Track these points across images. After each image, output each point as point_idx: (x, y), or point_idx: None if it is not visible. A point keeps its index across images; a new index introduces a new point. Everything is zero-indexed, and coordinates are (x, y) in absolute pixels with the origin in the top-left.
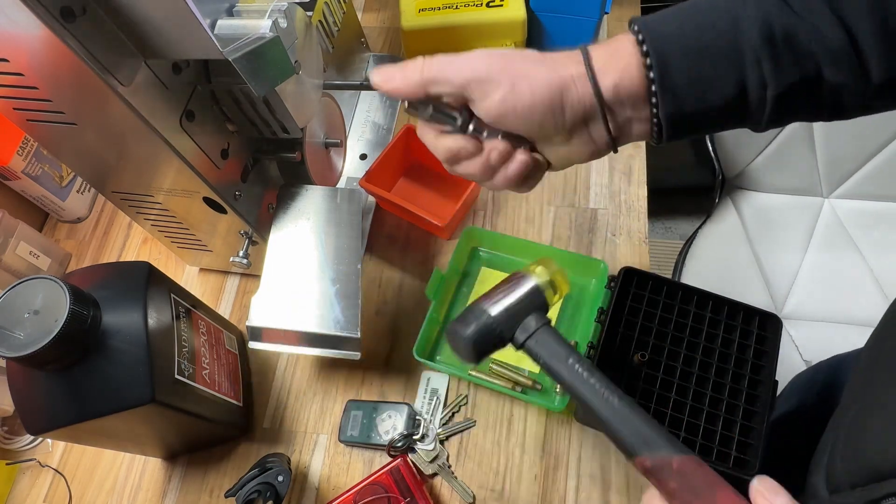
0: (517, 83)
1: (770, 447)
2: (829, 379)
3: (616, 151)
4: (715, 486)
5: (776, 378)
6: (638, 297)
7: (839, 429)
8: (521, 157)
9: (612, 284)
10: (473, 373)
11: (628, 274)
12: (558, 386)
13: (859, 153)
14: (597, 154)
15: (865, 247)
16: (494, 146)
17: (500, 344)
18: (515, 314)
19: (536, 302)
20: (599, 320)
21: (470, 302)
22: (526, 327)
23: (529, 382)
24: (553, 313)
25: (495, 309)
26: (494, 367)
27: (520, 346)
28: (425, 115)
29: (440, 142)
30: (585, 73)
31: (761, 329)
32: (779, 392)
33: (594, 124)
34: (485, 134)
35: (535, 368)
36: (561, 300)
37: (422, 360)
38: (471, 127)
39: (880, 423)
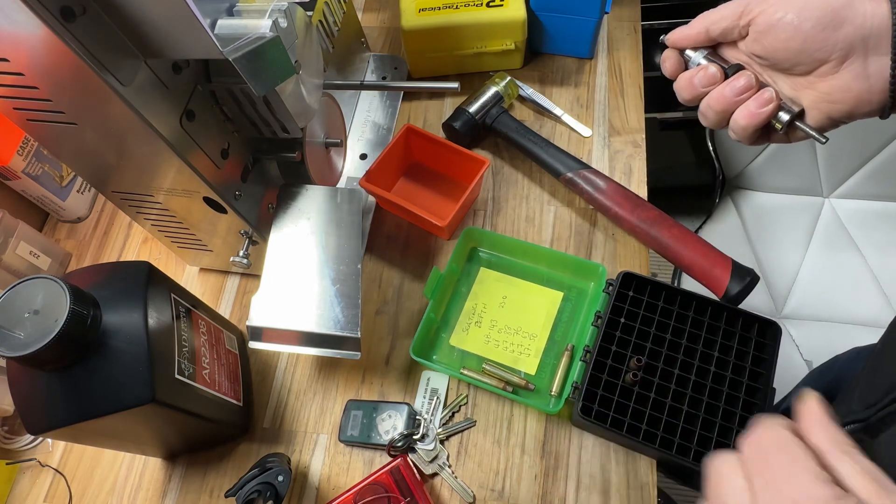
0: None
1: None
2: (845, 368)
3: (887, 115)
4: (607, 181)
5: (774, 386)
6: (636, 301)
7: (862, 371)
8: (767, 92)
9: (610, 288)
10: (465, 372)
11: (627, 278)
12: (553, 387)
13: (860, 153)
14: (864, 103)
15: (866, 247)
16: (742, 74)
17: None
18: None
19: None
20: (596, 324)
21: (466, 307)
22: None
23: (522, 383)
24: (550, 316)
25: (472, 107)
26: (487, 367)
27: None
28: (693, 61)
29: (693, 77)
30: None
31: (760, 336)
32: (779, 395)
33: (876, 54)
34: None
35: (531, 370)
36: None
37: (418, 359)
38: (726, 66)
39: None
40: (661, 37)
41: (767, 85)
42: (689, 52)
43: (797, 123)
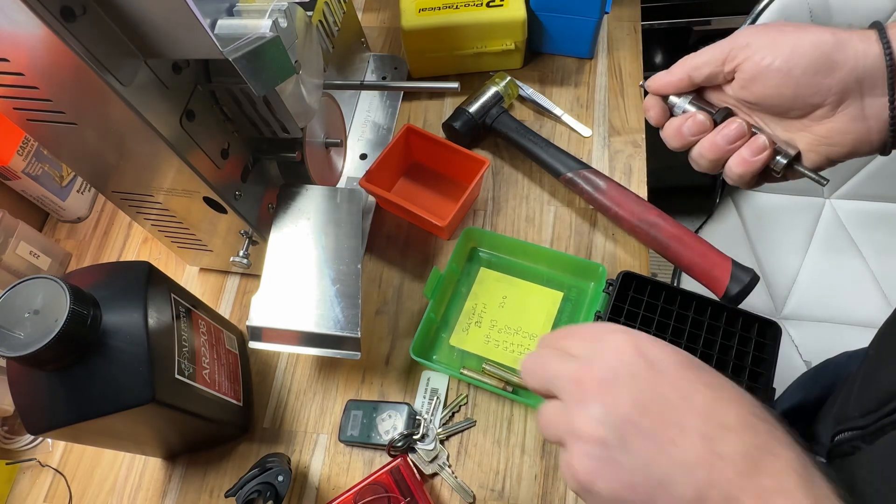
0: (778, 38)
1: None
2: (836, 373)
3: (889, 152)
4: (607, 181)
5: (774, 386)
6: (636, 301)
7: (857, 375)
8: (760, 139)
9: (610, 288)
10: (466, 372)
11: (626, 278)
12: None
13: None
14: (864, 143)
15: (866, 248)
16: (733, 121)
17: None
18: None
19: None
20: None
21: (466, 307)
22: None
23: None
24: (550, 316)
25: (472, 107)
26: (487, 367)
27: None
28: (678, 107)
29: (681, 126)
30: (869, 31)
31: (760, 336)
32: (780, 393)
33: (872, 95)
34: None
35: None
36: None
37: (418, 359)
38: (714, 111)
39: None
40: (641, 83)
41: (759, 129)
42: (672, 99)
43: (795, 166)
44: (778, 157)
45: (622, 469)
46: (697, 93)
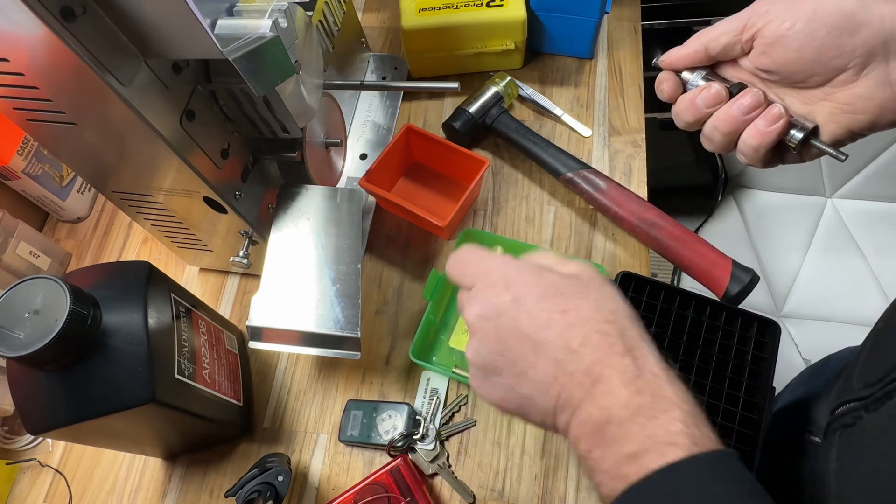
0: (798, 3)
1: (771, 437)
2: (838, 368)
3: None
4: (607, 181)
5: (774, 385)
6: (636, 301)
7: (860, 354)
8: (776, 108)
9: None
10: (458, 371)
11: (626, 278)
12: None
13: (863, 153)
14: (888, 112)
15: (867, 247)
16: (748, 91)
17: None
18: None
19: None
20: None
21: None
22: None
23: None
24: None
25: (472, 107)
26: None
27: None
28: (692, 83)
29: (695, 98)
30: None
31: (760, 335)
32: (780, 389)
33: None
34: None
35: None
36: None
37: (418, 361)
38: (729, 84)
39: None
40: (654, 60)
41: (775, 102)
42: (685, 74)
43: (812, 141)
44: (793, 131)
45: (497, 386)
46: (712, 68)
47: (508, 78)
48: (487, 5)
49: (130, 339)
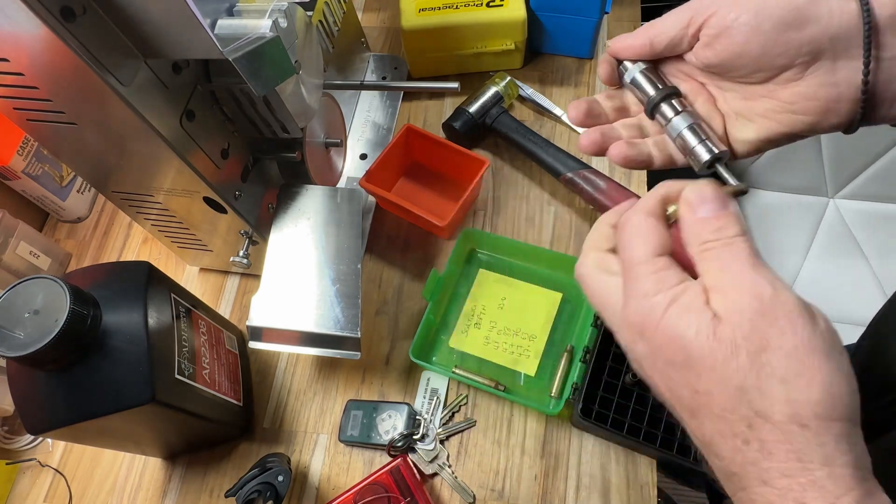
0: None
1: None
2: None
3: (855, 129)
4: (607, 181)
5: None
6: None
7: (854, 356)
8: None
9: None
10: (458, 371)
11: None
12: (553, 388)
13: (866, 153)
14: (831, 114)
15: (869, 248)
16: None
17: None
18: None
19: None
20: (596, 325)
21: (466, 308)
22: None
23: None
24: (549, 317)
25: (472, 107)
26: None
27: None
28: (628, 79)
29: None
30: None
31: None
32: None
33: (846, 58)
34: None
35: (531, 371)
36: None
37: (418, 361)
38: (661, 86)
39: None
40: (608, 41)
41: (698, 125)
42: (627, 63)
43: (718, 167)
44: (698, 147)
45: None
46: (654, 63)
47: (508, 78)
48: (487, 5)
49: (130, 339)
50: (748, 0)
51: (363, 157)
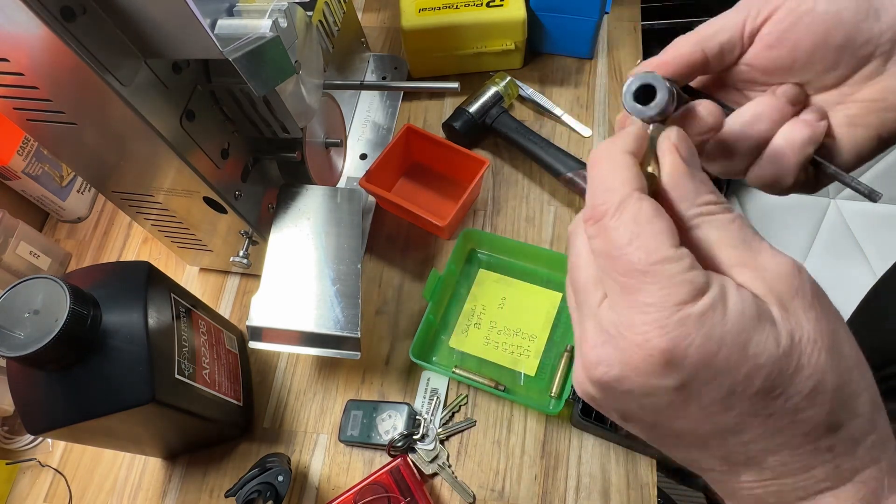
0: None
1: None
2: None
3: None
4: None
5: None
6: None
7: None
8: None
9: None
10: (458, 371)
11: None
12: (553, 388)
13: None
14: None
15: (870, 249)
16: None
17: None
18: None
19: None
20: None
21: (466, 308)
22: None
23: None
24: (549, 317)
25: (472, 107)
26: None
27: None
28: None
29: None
30: None
31: None
32: None
33: None
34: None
35: (531, 371)
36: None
37: (418, 361)
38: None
39: None
40: (638, 63)
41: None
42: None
43: (833, 170)
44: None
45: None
46: (683, 89)
47: (508, 78)
48: (487, 5)
49: (130, 339)
50: None
51: (363, 157)
